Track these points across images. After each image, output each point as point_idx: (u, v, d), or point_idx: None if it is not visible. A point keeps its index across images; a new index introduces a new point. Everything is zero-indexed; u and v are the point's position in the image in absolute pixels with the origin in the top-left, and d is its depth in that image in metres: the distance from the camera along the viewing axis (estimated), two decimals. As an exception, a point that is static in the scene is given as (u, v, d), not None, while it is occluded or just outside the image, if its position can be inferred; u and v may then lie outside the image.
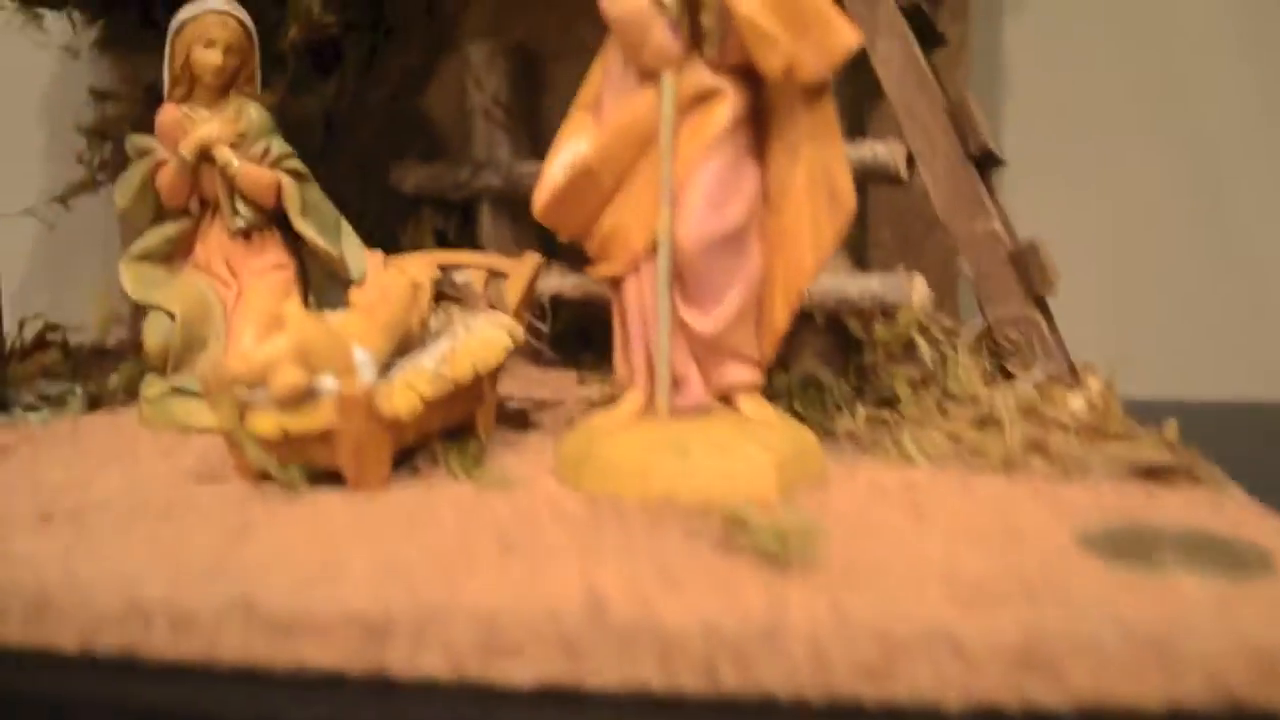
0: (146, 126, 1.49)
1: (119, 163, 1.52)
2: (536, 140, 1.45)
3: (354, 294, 0.95)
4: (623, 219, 0.88)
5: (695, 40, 0.84)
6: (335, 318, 0.91)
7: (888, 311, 1.11)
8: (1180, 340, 1.48)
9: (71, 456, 0.98)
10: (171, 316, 1.11)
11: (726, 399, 0.91)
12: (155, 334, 1.11)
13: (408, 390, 0.85)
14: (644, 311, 0.89)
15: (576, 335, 1.30)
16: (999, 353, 1.06)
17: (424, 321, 0.98)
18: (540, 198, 0.90)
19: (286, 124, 1.24)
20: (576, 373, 1.33)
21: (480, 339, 0.95)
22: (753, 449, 0.84)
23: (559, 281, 1.32)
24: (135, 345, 1.44)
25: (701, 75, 0.85)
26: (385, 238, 1.45)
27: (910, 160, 1.12)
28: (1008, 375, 1.04)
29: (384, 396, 0.84)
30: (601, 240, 0.90)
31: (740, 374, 0.90)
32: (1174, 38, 1.47)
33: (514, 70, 1.43)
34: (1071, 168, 1.50)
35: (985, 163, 1.09)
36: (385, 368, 0.89)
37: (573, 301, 1.33)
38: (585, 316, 1.33)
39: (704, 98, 0.85)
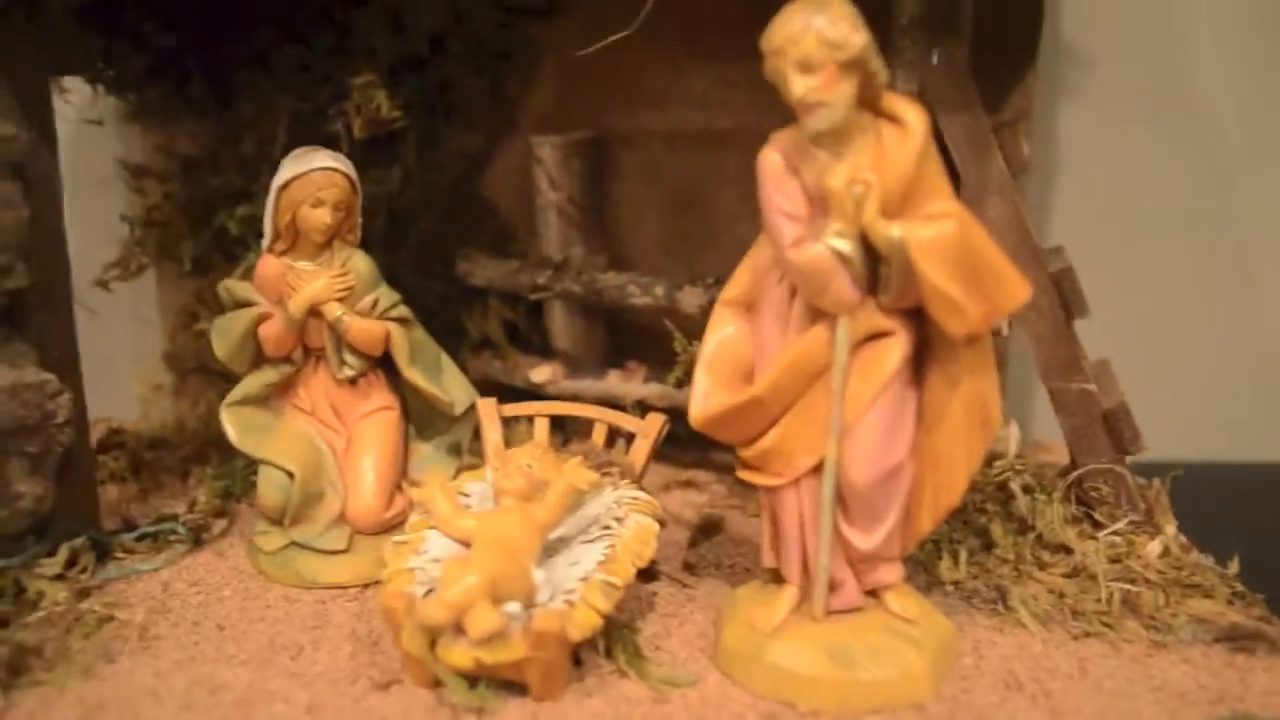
0: (189, 208, 1.47)
1: (162, 245, 1.49)
2: (607, 233, 1.46)
3: (500, 480, 0.97)
4: (788, 440, 0.91)
5: (871, 284, 0.87)
6: (496, 518, 0.94)
7: (985, 458, 1.18)
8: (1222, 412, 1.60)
9: (220, 642, 0.99)
10: (290, 475, 1.11)
11: (874, 593, 0.97)
12: (272, 490, 1.11)
13: (589, 611, 0.89)
14: (803, 520, 0.93)
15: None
16: (1087, 502, 1.14)
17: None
18: (699, 413, 0.93)
19: None
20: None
21: (635, 535, 0.98)
22: (909, 654, 0.92)
23: (644, 389, 1.36)
24: (196, 443, 1.44)
25: (874, 317, 0.88)
26: (451, 326, 1.46)
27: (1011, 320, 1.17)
28: (1095, 523, 1.13)
29: (573, 623, 0.87)
30: (762, 454, 0.93)
31: (889, 574, 0.96)
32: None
33: (586, 166, 1.42)
34: (1118, 257, 1.56)
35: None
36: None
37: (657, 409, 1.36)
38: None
39: (875, 337, 0.88)
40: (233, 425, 1.13)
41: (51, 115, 1.07)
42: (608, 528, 1.00)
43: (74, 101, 1.38)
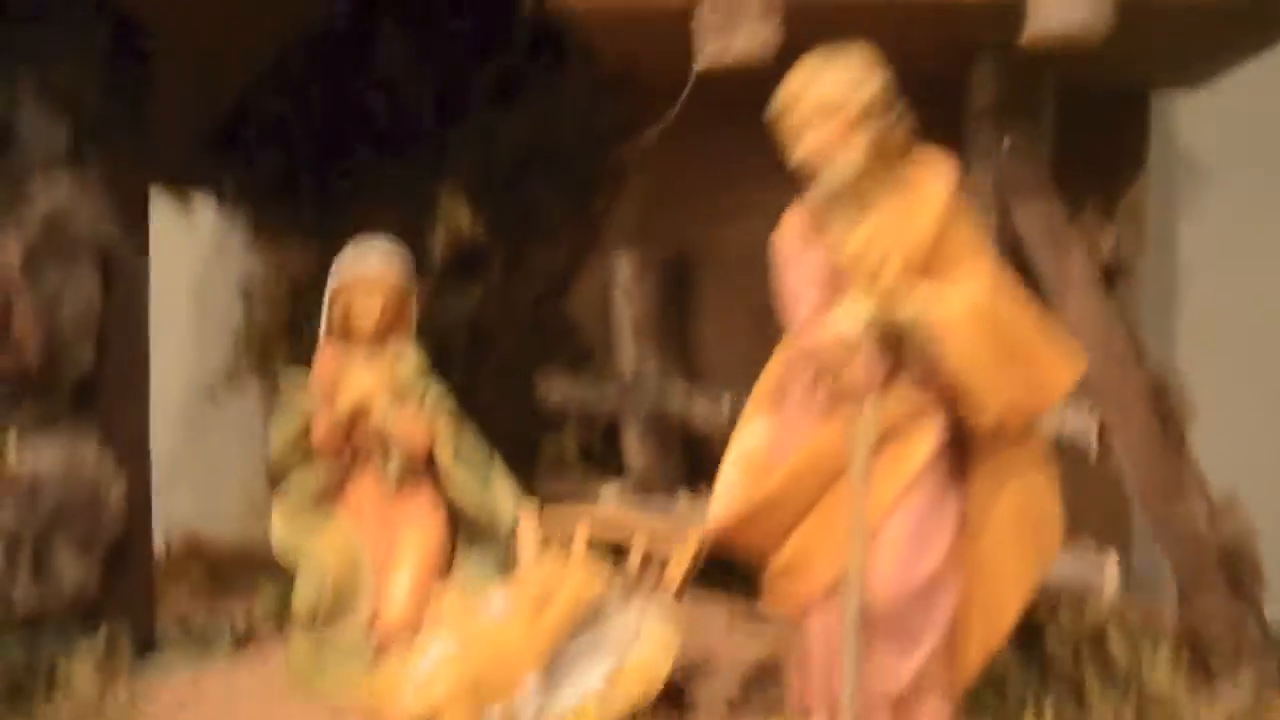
0: (294, 324, 1.53)
1: (265, 360, 1.55)
2: (685, 354, 1.42)
3: (518, 584, 0.92)
4: (808, 549, 0.82)
5: (895, 366, 0.79)
6: (499, 624, 0.88)
7: (1076, 596, 1.04)
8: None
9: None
10: (323, 577, 1.09)
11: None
12: (305, 590, 1.09)
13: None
14: (830, 652, 0.82)
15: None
16: (1201, 649, 0.98)
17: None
18: (714, 517, 0.86)
19: (432, 329, 1.24)
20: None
21: (645, 660, 0.89)
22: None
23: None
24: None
25: (901, 401, 0.79)
26: (527, 448, 1.44)
27: (1102, 432, 1.05)
28: (1210, 675, 0.96)
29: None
30: (783, 569, 0.83)
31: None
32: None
33: (664, 283, 1.40)
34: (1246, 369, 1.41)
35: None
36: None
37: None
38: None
39: (902, 426, 0.80)
40: (279, 522, 1.13)
41: (146, 218, 1.14)
42: (623, 644, 0.92)
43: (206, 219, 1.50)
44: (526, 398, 1.46)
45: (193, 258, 1.69)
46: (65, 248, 1.01)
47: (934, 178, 0.78)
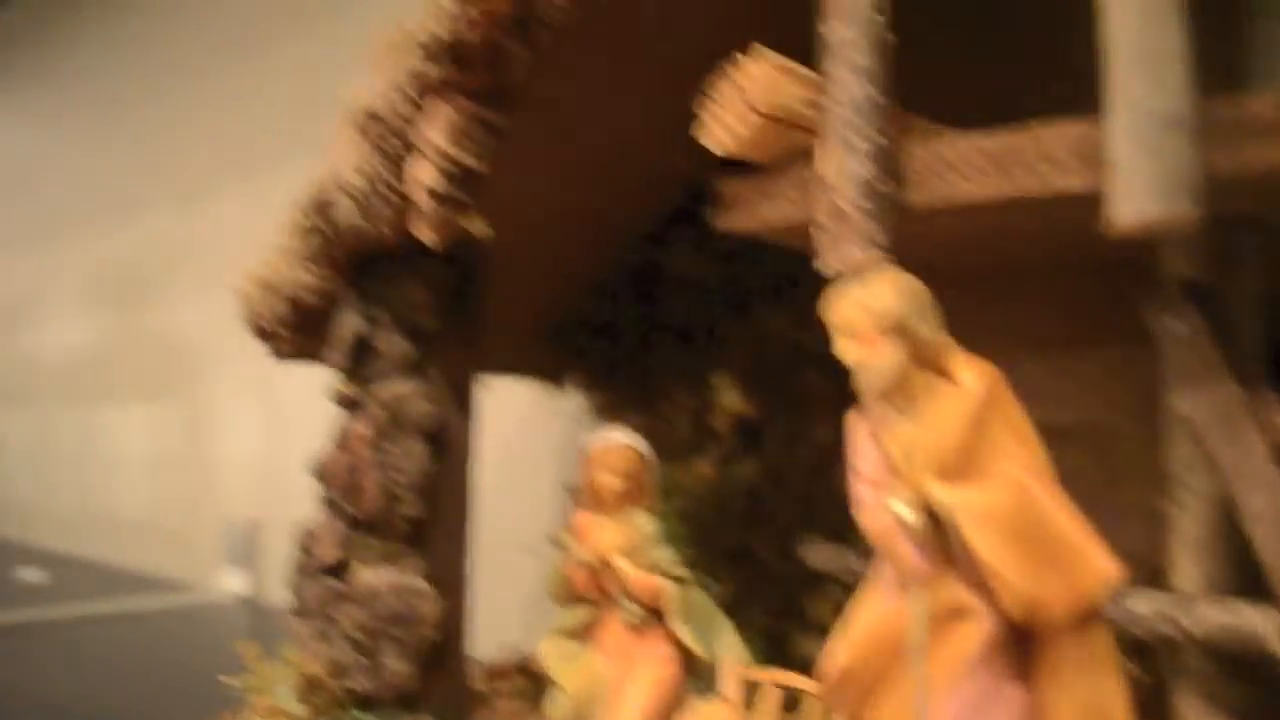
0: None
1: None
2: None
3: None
4: (881, 722, 0.91)
5: (946, 557, 0.87)
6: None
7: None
8: None
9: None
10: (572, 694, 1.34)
11: None
12: (554, 711, 1.34)
13: None
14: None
15: None
16: None
17: None
18: (820, 675, 0.97)
19: (715, 495, 1.45)
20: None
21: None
22: None
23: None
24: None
25: (954, 590, 0.86)
26: (793, 607, 1.59)
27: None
28: None
29: None
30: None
31: None
32: None
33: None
34: None
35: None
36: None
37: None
38: None
39: (957, 614, 0.87)
40: (547, 650, 1.40)
41: (470, 402, 1.51)
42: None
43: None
44: (795, 561, 1.61)
45: (513, 429, 2.08)
46: (404, 427, 1.39)
47: (963, 383, 0.86)
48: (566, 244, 1.57)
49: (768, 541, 1.63)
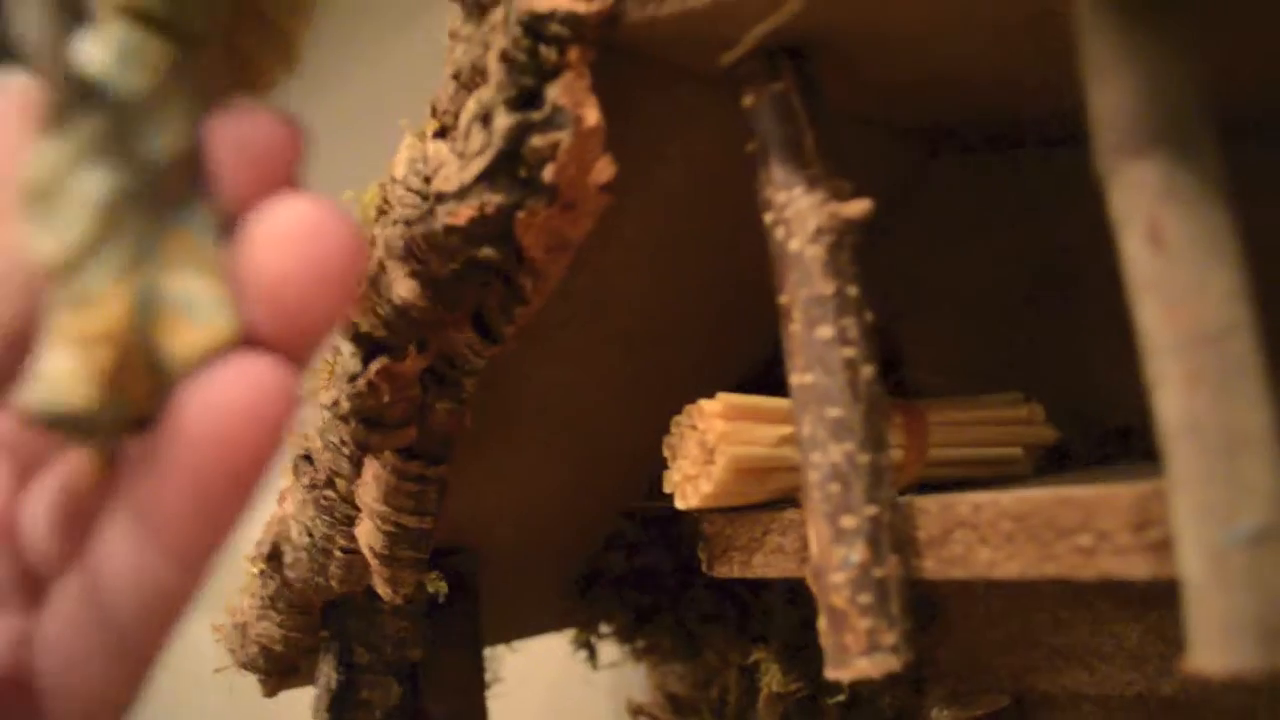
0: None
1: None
2: None
3: None
4: None
5: None
6: None
7: None
8: None
9: None
10: None
11: None
12: None
13: None
14: None
15: None
16: None
17: None
18: None
19: None
20: None
21: None
22: None
23: None
24: None
25: None
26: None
27: None
28: None
29: None
30: None
31: None
32: None
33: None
34: None
35: None
36: None
37: None
38: None
39: None
40: None
41: (481, 684, 1.33)
42: None
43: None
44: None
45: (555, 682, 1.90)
46: None
47: None
48: (573, 514, 1.40)
49: None
